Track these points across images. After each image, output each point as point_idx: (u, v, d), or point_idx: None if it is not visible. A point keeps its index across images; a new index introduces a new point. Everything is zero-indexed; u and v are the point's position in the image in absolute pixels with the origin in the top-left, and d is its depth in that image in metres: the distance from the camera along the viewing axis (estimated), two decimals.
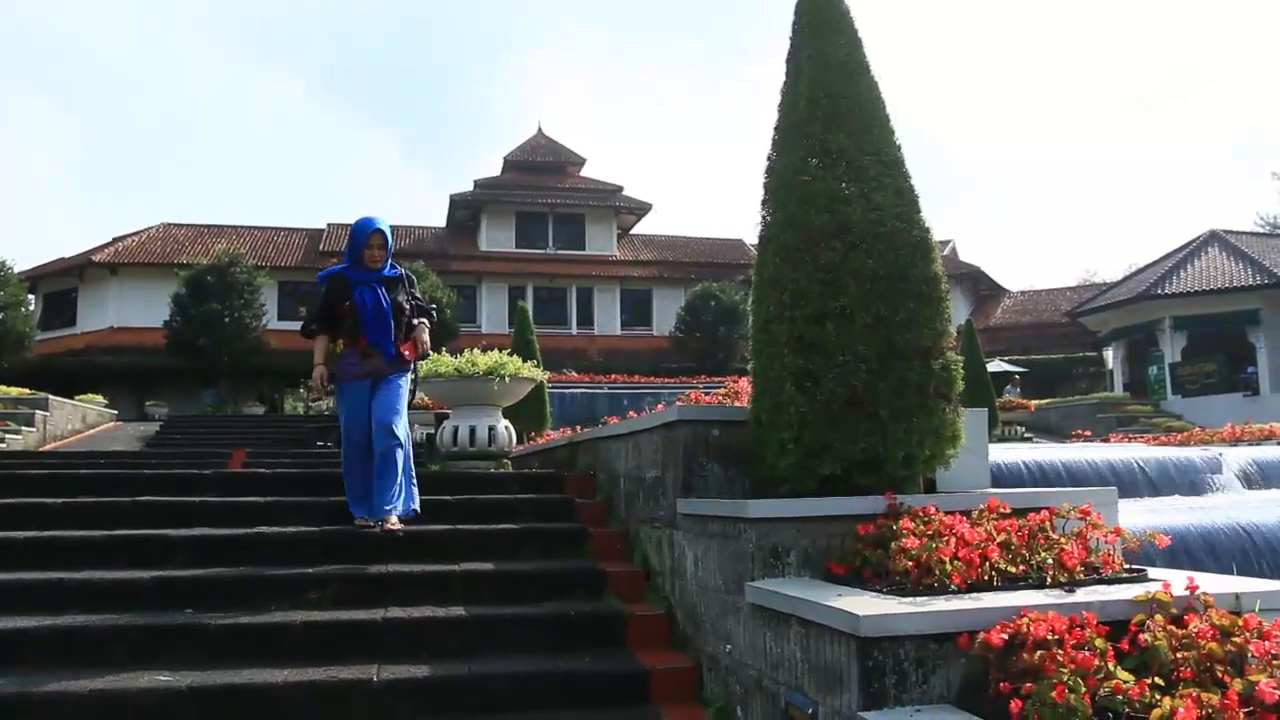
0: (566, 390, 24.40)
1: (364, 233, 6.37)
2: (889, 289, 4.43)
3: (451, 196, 42.12)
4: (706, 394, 7.25)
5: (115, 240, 39.64)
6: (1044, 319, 42.16)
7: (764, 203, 4.88)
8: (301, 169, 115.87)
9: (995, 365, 29.93)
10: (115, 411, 25.84)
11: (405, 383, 6.45)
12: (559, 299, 40.95)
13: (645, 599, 5.65)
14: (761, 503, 4.26)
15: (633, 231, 44.73)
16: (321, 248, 39.71)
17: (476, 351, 9.06)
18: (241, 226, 41.72)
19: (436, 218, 52.04)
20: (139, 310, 35.72)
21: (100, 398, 26.15)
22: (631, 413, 7.68)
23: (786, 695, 3.74)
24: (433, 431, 12.58)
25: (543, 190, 42.39)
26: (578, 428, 9.58)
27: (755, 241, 5.08)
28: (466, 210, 42.46)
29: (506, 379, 8.77)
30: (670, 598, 5.42)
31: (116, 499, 6.73)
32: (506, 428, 9.36)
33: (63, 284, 38.67)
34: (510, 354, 9.30)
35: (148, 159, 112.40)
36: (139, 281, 36.91)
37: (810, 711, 3.49)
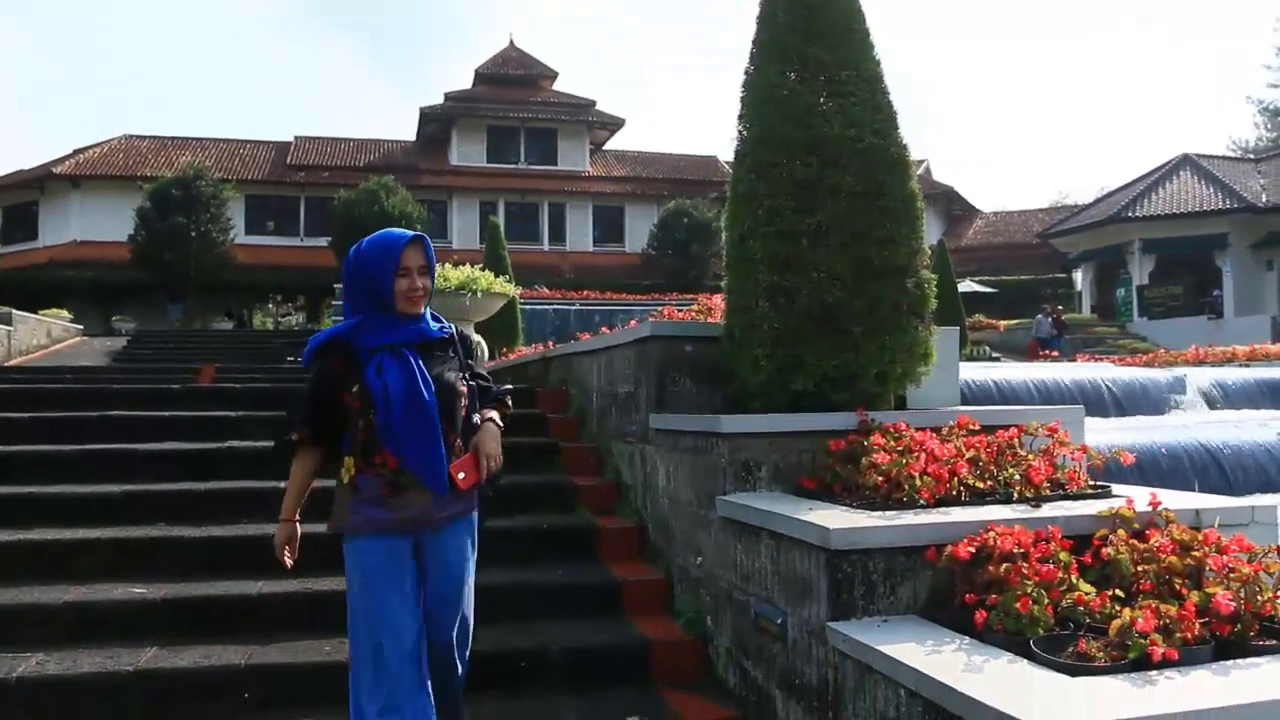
0: (538, 306, 24.26)
1: (393, 250, 3.17)
2: (865, 206, 4.40)
3: (421, 109, 41.29)
4: (679, 310, 7.24)
5: (76, 152, 38.67)
6: (1015, 240, 42.24)
7: (741, 117, 4.82)
8: (266, 80, 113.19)
9: (966, 285, 30.06)
10: (80, 326, 25.47)
11: (472, 538, 3.35)
12: (530, 215, 40.53)
13: (617, 513, 5.70)
14: (734, 418, 4.28)
15: (605, 147, 44.15)
16: (289, 160, 38.99)
17: (448, 266, 8.99)
18: (206, 139, 40.78)
19: (405, 131, 51.19)
20: (102, 224, 35.01)
21: (65, 312, 25.77)
22: (604, 329, 7.66)
23: (756, 606, 3.81)
24: None
25: (515, 104, 41.63)
26: (550, 343, 9.55)
27: (729, 158, 5.03)
28: (437, 124, 41.68)
29: (479, 294, 8.71)
30: (641, 511, 5.47)
31: (84, 413, 6.68)
32: (479, 342, 9.30)
33: (22, 197, 37.78)
34: (483, 269, 9.22)
35: (106, 71, 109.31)
36: (102, 194, 36.11)
37: (780, 622, 3.56)
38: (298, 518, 3.27)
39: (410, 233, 3.19)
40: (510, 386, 3.60)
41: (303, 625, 4.32)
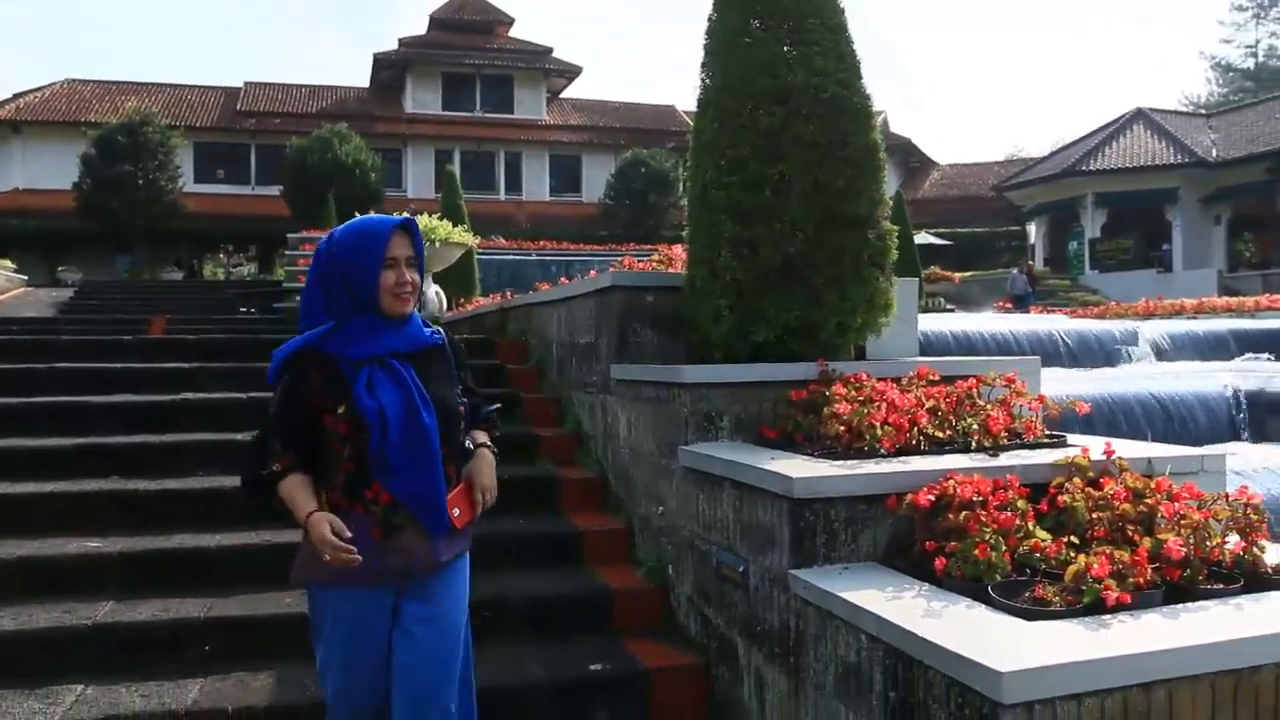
0: (494, 256, 24.03)
1: (376, 238, 2.66)
2: (828, 157, 4.39)
3: (375, 55, 40.52)
4: (639, 261, 7.21)
5: (15, 97, 37.53)
6: (971, 193, 42.49)
7: (704, 65, 4.77)
8: (215, 25, 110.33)
9: (922, 237, 30.22)
10: (25, 277, 24.91)
11: (466, 583, 2.93)
12: (487, 164, 40.07)
13: (577, 463, 5.71)
14: (697, 368, 4.29)
15: (562, 96, 43.67)
16: (239, 107, 38.15)
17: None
18: (152, 84, 39.72)
19: (359, 78, 50.24)
20: (46, 171, 34.09)
21: (9, 262, 25.16)
22: (564, 279, 7.61)
23: (718, 555, 3.84)
24: None
25: (470, 51, 40.97)
26: (508, 293, 9.49)
27: (688, 108, 5.00)
28: (391, 70, 40.94)
29: (437, 244, 8.63)
30: (602, 462, 5.49)
31: (33, 365, 6.54)
32: (437, 293, 9.25)
33: None
34: (440, 219, 9.11)
35: (47, 15, 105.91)
36: (44, 141, 35.12)
37: (742, 570, 3.59)
38: (313, 513, 2.53)
39: (396, 218, 2.69)
40: (498, 405, 3.07)
41: (263, 577, 4.29)
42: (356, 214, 8.67)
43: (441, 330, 2.85)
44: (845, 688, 2.90)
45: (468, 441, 2.83)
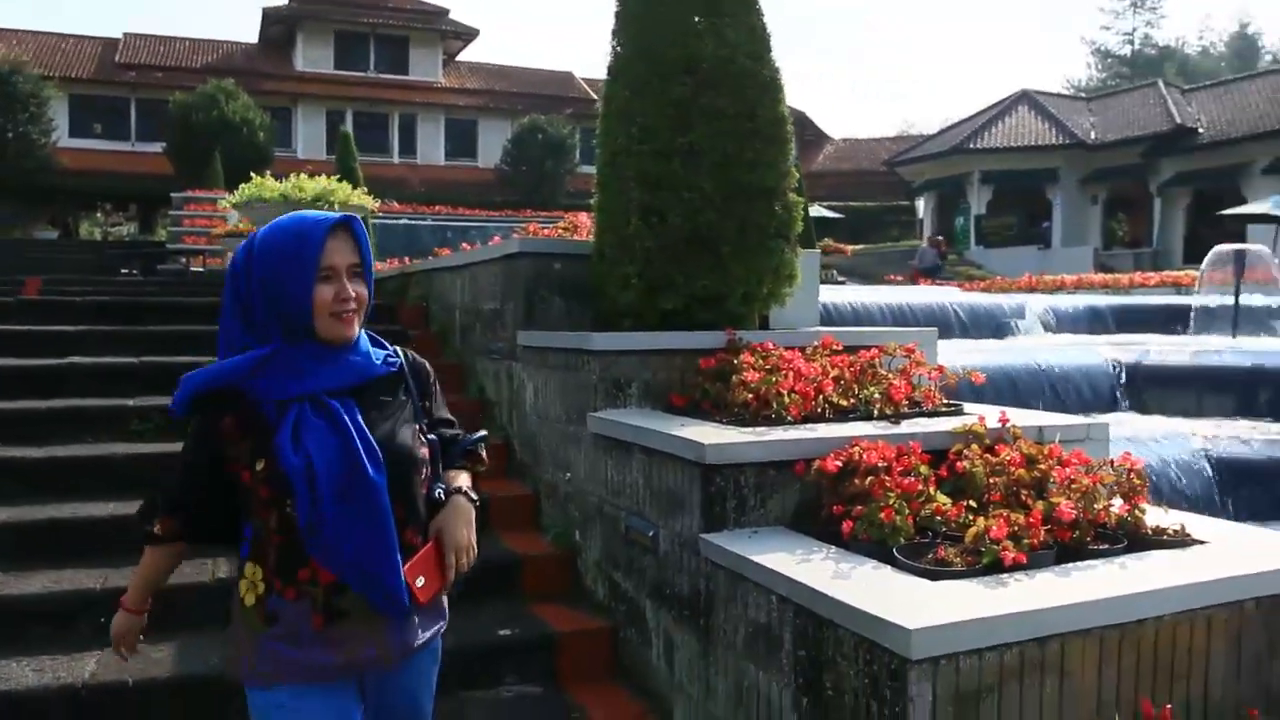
0: (389, 221, 23.61)
1: (308, 241, 2.06)
2: (737, 128, 4.45)
3: (264, 9, 39.14)
4: (545, 228, 7.18)
5: None
6: (863, 167, 43.29)
7: (615, 33, 4.76)
8: None
9: (815, 210, 30.68)
10: None
11: (437, 667, 2.40)
12: (380, 126, 39.21)
13: (482, 429, 5.68)
14: (606, 335, 4.32)
15: (459, 58, 42.92)
16: (118, 59, 36.49)
17: (303, 176, 8.64)
18: (22, 30, 37.67)
19: (247, 33, 48.48)
20: None
21: None
22: (465, 245, 7.53)
23: (627, 520, 3.89)
24: None
25: (364, 8, 39.90)
26: (406, 259, 9.34)
27: (585, 76, 5.02)
28: (281, 26, 39.61)
29: (336, 206, 8.42)
30: (508, 428, 5.48)
31: None
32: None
33: None
34: (341, 180, 8.91)
35: None
36: None
37: (651, 534, 3.65)
38: (146, 608, 2.29)
39: (332, 215, 2.08)
40: (485, 433, 2.49)
41: None
42: (256, 177, 8.27)
43: (399, 351, 2.26)
44: (755, 647, 2.98)
45: (438, 489, 2.22)
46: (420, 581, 2.07)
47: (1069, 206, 32.35)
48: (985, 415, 3.68)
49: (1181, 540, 3.00)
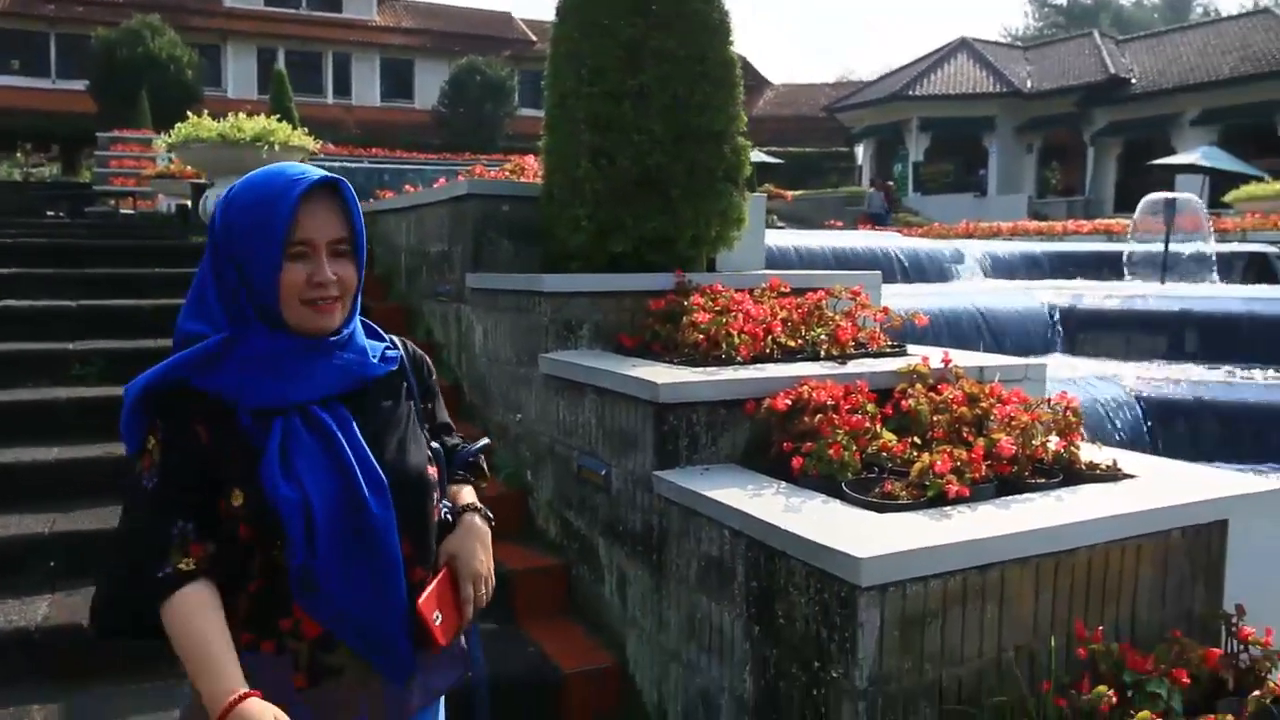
0: (324, 162, 23.22)
1: (275, 204, 1.60)
2: (687, 70, 4.46)
3: None
4: (491, 170, 7.13)
5: None
6: (803, 113, 43.35)
7: None
8: None
9: (756, 155, 30.66)
10: None
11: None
12: (314, 65, 38.27)
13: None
14: (557, 277, 4.34)
15: None
16: None
17: (241, 116, 8.45)
18: None
19: None
20: None
21: None
22: (407, 187, 7.45)
23: (580, 459, 3.95)
24: (186, 203, 11.77)
25: None
26: None
27: (524, 16, 5.01)
28: None
29: (275, 147, 8.27)
30: (456, 371, 5.49)
31: None
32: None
33: None
34: (281, 120, 8.74)
35: None
36: None
37: (604, 473, 3.71)
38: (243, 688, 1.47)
39: (314, 174, 1.63)
40: (487, 441, 2.10)
41: (108, 491, 4.14)
42: (192, 116, 8.03)
43: (398, 341, 1.88)
44: (708, 580, 3.07)
45: (443, 508, 1.84)
46: (437, 617, 1.68)
47: (1005, 154, 32.77)
48: (929, 356, 3.78)
49: (1113, 474, 3.13)
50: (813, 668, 2.57)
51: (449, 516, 1.85)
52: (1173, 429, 5.39)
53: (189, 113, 8.77)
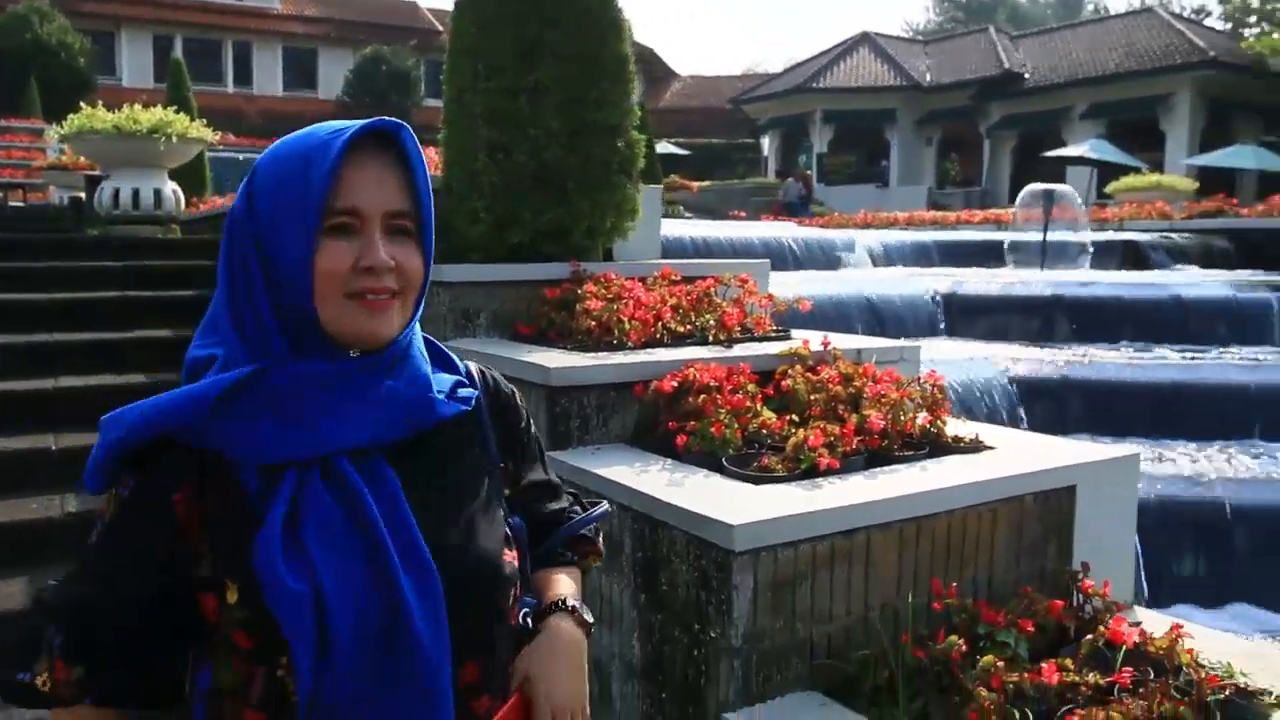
0: (225, 154, 22.76)
1: (314, 165, 1.13)
2: (583, 67, 4.60)
3: None
4: None
5: None
6: (710, 104, 43.74)
7: None
8: None
9: (663, 146, 31.01)
10: None
11: None
12: (213, 53, 37.38)
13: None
14: (455, 267, 4.45)
15: None
16: None
17: (137, 106, 8.33)
18: None
19: None
20: None
21: None
22: None
23: None
24: (80, 195, 11.50)
25: None
26: None
27: (430, 6, 5.07)
28: None
29: (174, 139, 8.16)
30: None
31: None
32: (175, 191, 8.75)
33: None
34: (178, 111, 8.62)
35: None
36: None
37: None
38: None
39: (359, 121, 1.20)
40: (606, 507, 1.57)
41: (4, 485, 4.14)
42: (86, 107, 7.89)
43: (475, 372, 1.38)
44: None
45: (524, 609, 1.35)
46: None
47: (905, 146, 33.57)
48: (810, 339, 4.00)
49: (975, 446, 3.38)
50: (693, 630, 2.75)
51: (527, 620, 1.33)
52: (1040, 405, 5.76)
53: (82, 103, 8.59)
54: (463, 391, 1.30)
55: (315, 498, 1.11)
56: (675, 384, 3.46)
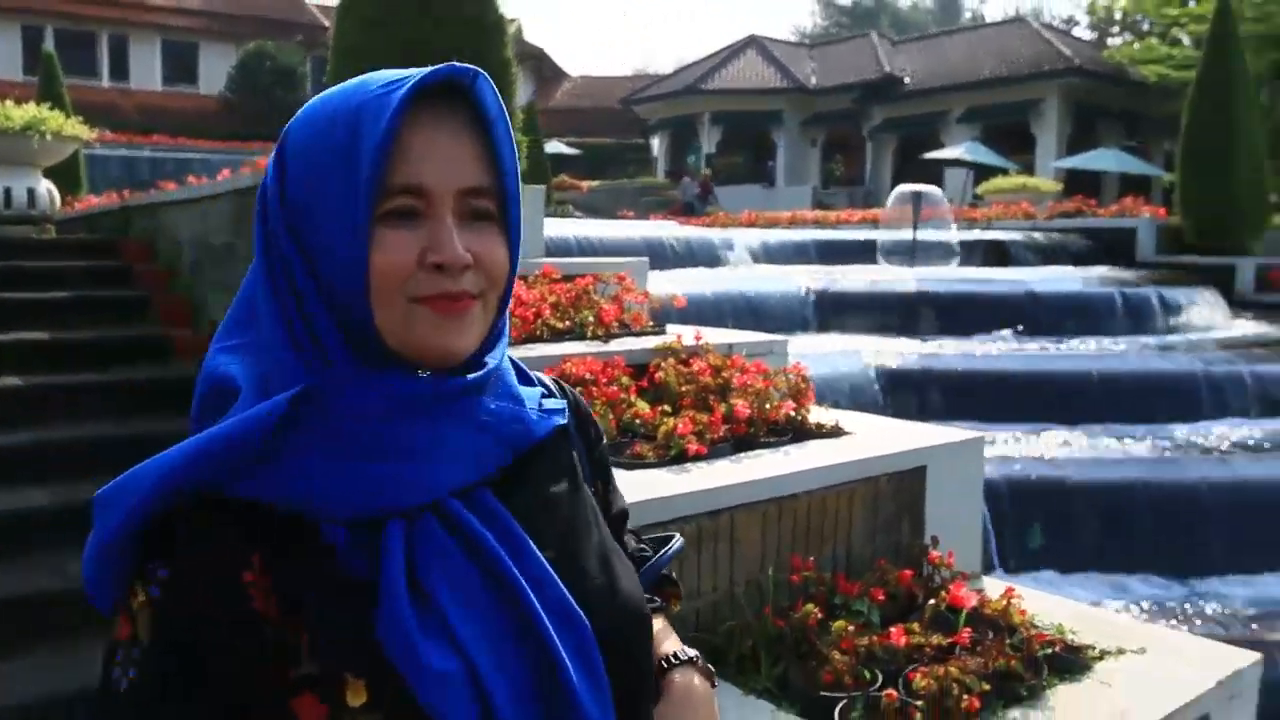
0: (100, 152, 22.08)
1: (367, 132, 0.86)
2: None
3: None
4: None
5: None
6: (602, 105, 43.99)
7: None
8: None
9: (553, 146, 31.12)
10: None
11: None
12: (87, 45, 36.03)
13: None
14: None
15: None
16: None
17: (8, 102, 8.10)
18: None
19: None
20: None
21: None
22: (191, 178, 7.39)
23: None
24: None
25: None
26: (125, 192, 8.98)
27: (315, 2, 5.11)
28: None
29: (48, 136, 7.97)
30: None
31: None
32: (49, 190, 8.53)
33: None
34: (52, 107, 8.41)
35: None
36: None
37: None
38: None
39: (426, 69, 0.91)
40: (680, 540, 1.36)
41: None
42: None
43: (550, 383, 1.21)
44: None
45: None
46: None
47: (791, 148, 34.35)
48: (683, 334, 4.20)
49: (836, 431, 3.62)
50: None
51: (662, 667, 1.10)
52: (901, 394, 6.12)
53: None
54: (549, 403, 1.07)
55: (435, 552, 0.84)
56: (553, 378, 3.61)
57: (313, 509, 0.83)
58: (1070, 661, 2.81)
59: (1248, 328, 10.41)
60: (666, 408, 3.56)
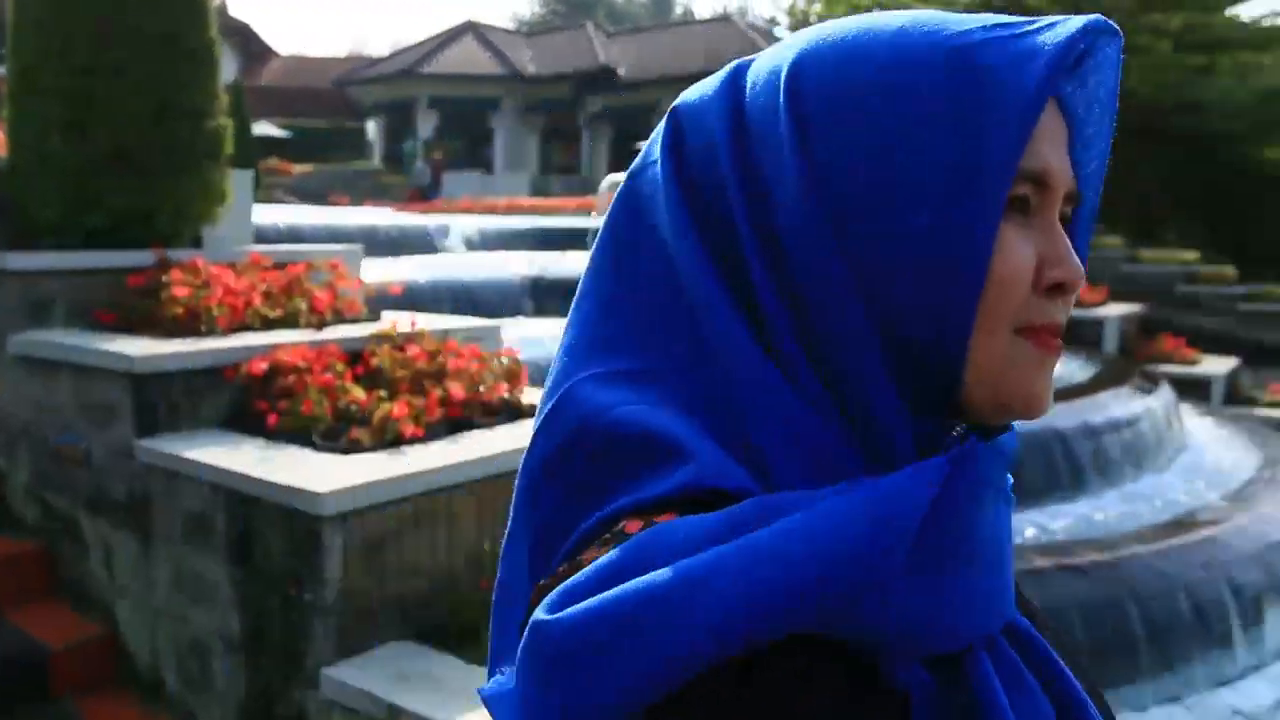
0: None
1: (1006, 80, 0.54)
2: (163, 49, 4.53)
3: None
4: None
5: None
6: (314, 85, 42.31)
7: None
8: None
9: (261, 128, 29.68)
10: None
11: None
12: None
13: None
14: (25, 255, 4.25)
15: None
16: None
17: None
18: None
19: None
20: None
21: None
22: None
23: (57, 438, 3.94)
24: None
25: None
26: None
27: None
28: None
29: None
30: None
31: None
32: None
33: None
34: None
35: None
36: None
37: (84, 446, 3.77)
38: None
39: (1086, 22, 0.57)
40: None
41: None
42: None
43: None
44: (194, 536, 3.30)
45: None
46: None
47: (510, 134, 34.51)
48: (399, 320, 4.26)
49: None
50: (289, 596, 2.94)
51: None
52: None
53: None
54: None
55: (1012, 685, 0.57)
56: (265, 367, 3.58)
57: (888, 640, 0.51)
58: None
59: None
60: (383, 393, 3.62)
